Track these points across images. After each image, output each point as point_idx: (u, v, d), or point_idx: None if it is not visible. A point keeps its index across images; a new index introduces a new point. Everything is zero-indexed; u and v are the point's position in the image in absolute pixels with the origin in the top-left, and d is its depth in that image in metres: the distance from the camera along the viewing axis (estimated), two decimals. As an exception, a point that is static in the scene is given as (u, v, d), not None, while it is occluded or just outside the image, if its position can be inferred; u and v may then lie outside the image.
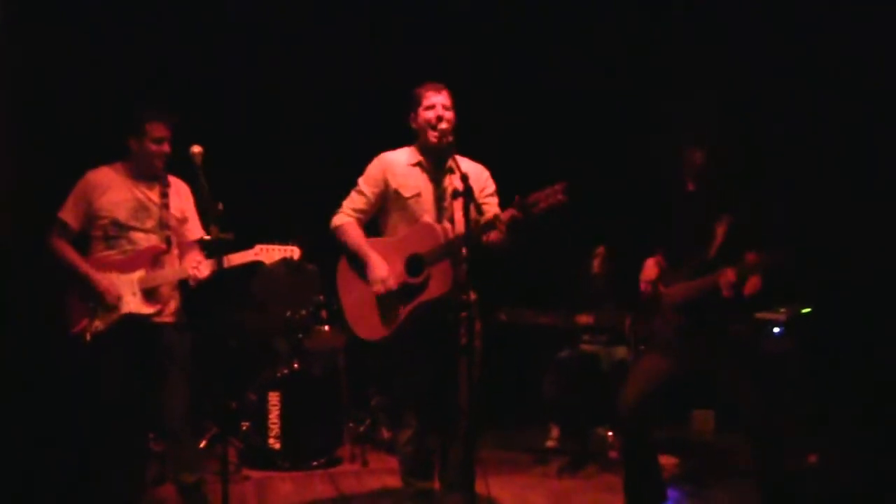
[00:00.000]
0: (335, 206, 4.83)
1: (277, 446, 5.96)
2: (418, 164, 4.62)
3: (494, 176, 4.78)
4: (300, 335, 6.29)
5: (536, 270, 7.14)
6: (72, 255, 4.67)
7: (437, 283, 4.38)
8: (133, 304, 4.63)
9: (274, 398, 5.99)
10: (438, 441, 4.68)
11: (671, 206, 4.87)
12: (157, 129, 4.68)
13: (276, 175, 7.43)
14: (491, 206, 4.59)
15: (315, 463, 6.00)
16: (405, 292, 4.48)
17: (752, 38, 6.97)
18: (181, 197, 4.88)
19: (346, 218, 4.69)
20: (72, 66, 6.38)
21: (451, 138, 4.46)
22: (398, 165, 4.64)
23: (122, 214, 4.68)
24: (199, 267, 4.65)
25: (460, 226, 4.11)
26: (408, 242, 4.50)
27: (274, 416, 5.97)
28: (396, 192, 4.60)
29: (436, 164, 4.59)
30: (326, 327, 6.35)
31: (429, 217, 4.51)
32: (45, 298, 5.37)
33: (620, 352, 6.55)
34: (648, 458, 4.83)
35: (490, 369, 4.81)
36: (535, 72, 7.99)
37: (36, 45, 6.15)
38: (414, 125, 4.64)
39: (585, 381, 6.41)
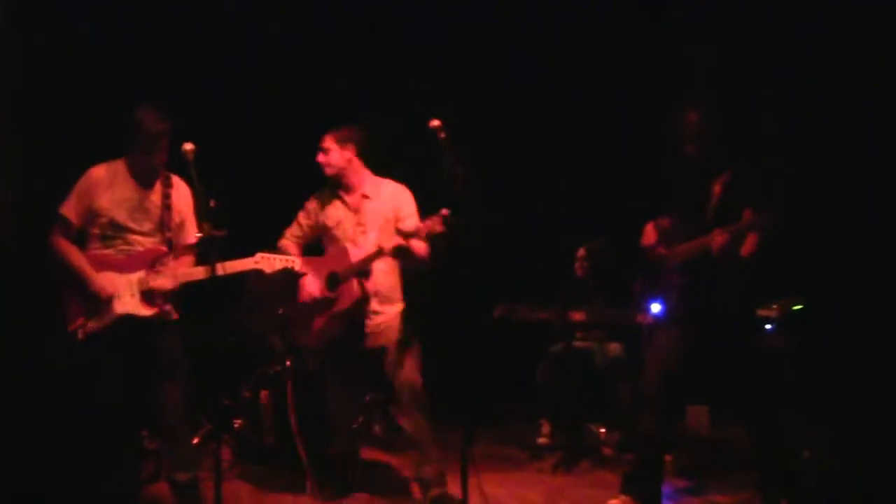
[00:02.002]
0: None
1: (271, 444, 5.96)
2: (338, 195, 5.32)
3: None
4: (304, 356, 6.28)
5: (531, 267, 7.16)
6: (72, 252, 4.65)
7: (344, 298, 5.12)
8: (131, 305, 4.61)
9: (268, 396, 6.00)
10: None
11: (671, 169, 4.89)
12: (154, 129, 4.66)
13: (272, 174, 7.45)
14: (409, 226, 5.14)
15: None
16: (324, 304, 5.21)
17: (752, 38, 6.97)
18: (181, 199, 4.85)
19: (284, 241, 5.45)
20: (72, 66, 6.40)
21: (328, 172, 5.26)
22: (325, 197, 5.37)
23: (120, 215, 4.66)
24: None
25: (370, 247, 5.06)
26: (328, 262, 5.25)
27: (268, 413, 5.98)
28: (323, 224, 5.35)
29: (347, 192, 5.30)
30: (320, 324, 6.35)
31: (348, 242, 5.21)
32: (45, 298, 5.39)
33: (614, 348, 6.57)
34: (660, 453, 4.89)
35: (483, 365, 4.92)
36: (535, 72, 8.00)
37: (36, 45, 6.18)
38: None
39: (579, 377, 6.42)
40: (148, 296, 4.64)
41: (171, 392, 4.71)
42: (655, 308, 5.06)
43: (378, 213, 5.22)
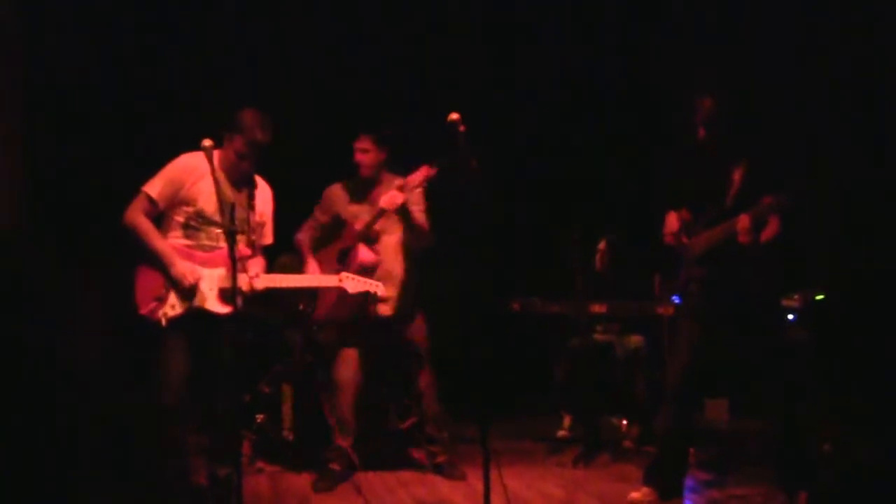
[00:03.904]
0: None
1: (291, 438, 5.97)
2: (356, 190, 5.56)
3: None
4: (313, 328, 6.29)
5: (551, 260, 7.17)
6: (153, 233, 4.59)
7: (352, 265, 5.31)
8: (210, 300, 4.59)
9: (287, 391, 6.00)
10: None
11: (686, 158, 4.88)
12: (255, 137, 4.60)
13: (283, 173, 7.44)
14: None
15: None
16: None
17: (751, 37, 6.98)
18: (264, 201, 4.84)
19: (300, 235, 5.66)
20: (78, 57, 6.39)
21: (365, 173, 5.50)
22: (342, 191, 5.60)
23: (209, 207, 4.61)
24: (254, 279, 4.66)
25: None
26: (339, 243, 5.52)
27: (287, 408, 5.98)
28: (341, 217, 5.52)
29: (367, 187, 5.54)
30: (339, 319, 6.35)
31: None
32: (54, 292, 5.38)
33: (634, 341, 6.56)
34: (683, 446, 4.90)
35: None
36: (549, 65, 8.01)
37: (43, 38, 6.17)
38: None
39: (599, 370, 6.42)
40: (225, 294, 4.61)
41: (225, 390, 4.69)
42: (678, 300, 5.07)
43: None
